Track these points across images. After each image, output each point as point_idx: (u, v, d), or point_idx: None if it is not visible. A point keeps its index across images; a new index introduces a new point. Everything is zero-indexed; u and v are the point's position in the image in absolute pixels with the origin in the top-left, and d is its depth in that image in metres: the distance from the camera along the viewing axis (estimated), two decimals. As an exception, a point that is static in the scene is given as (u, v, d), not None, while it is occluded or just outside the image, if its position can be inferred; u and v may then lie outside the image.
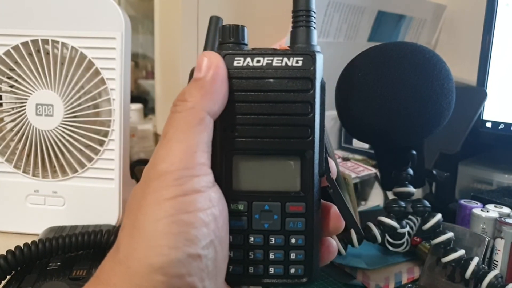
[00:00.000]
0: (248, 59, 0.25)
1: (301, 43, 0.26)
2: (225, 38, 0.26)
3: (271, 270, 0.27)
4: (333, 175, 0.27)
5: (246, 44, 0.26)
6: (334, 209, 0.27)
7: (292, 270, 0.27)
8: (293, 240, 0.26)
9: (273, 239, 0.26)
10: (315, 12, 0.27)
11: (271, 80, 0.25)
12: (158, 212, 0.21)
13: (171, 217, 0.21)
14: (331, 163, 0.27)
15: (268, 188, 0.26)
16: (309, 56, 0.26)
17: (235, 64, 0.25)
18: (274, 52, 0.26)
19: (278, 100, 0.26)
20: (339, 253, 0.38)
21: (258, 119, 0.26)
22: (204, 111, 0.24)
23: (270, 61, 0.25)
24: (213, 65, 0.24)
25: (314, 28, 0.27)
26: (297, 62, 0.26)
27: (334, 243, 0.28)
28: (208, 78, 0.24)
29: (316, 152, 0.26)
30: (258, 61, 0.25)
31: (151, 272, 0.21)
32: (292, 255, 0.26)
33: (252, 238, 0.26)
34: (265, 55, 0.26)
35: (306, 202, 0.26)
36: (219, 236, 0.23)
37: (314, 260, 0.27)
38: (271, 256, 0.26)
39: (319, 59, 0.26)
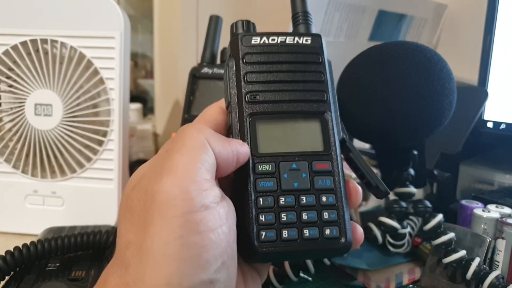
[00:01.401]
0: (264, 38, 0.28)
1: None
2: (238, 30, 0.29)
3: (306, 232, 0.26)
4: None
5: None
6: (352, 183, 0.28)
7: (327, 232, 0.26)
8: (323, 199, 0.26)
9: (304, 198, 0.26)
10: (310, 14, 0.31)
11: (287, 53, 0.28)
12: (166, 234, 0.20)
13: (181, 239, 0.20)
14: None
15: (293, 149, 0.27)
16: (317, 37, 0.29)
17: (252, 42, 0.28)
18: (285, 33, 0.29)
19: (295, 70, 0.28)
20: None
21: (277, 85, 0.28)
22: (207, 139, 0.23)
23: (283, 39, 0.28)
24: (242, 154, 0.25)
25: (311, 24, 0.30)
26: (306, 40, 0.29)
27: (360, 229, 0.28)
28: (238, 147, 0.25)
29: (333, 114, 0.28)
30: (273, 39, 0.28)
31: None
32: (325, 215, 0.26)
33: (283, 199, 0.26)
34: (278, 35, 0.29)
35: (331, 161, 0.27)
36: (231, 255, 0.22)
37: (346, 221, 0.26)
38: (304, 216, 0.26)
39: (324, 41, 0.29)
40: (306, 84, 0.28)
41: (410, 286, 0.39)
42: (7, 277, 0.34)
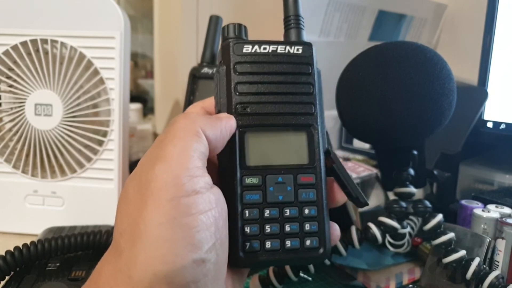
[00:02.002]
0: (256, 47, 0.28)
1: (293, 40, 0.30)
2: (229, 33, 0.29)
3: (288, 243, 0.27)
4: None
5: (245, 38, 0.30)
6: (335, 182, 0.29)
7: (308, 242, 0.27)
8: (306, 211, 0.28)
9: (287, 211, 0.27)
10: (302, 17, 0.31)
11: (277, 63, 0.28)
12: (159, 216, 0.21)
13: (173, 221, 0.21)
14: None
15: (280, 162, 0.28)
16: (307, 46, 0.29)
17: (244, 51, 0.28)
18: (277, 42, 0.29)
19: (284, 81, 0.28)
20: (339, 253, 0.38)
21: (268, 97, 0.28)
22: (200, 128, 0.24)
23: (275, 48, 0.29)
24: (229, 125, 0.26)
25: (303, 29, 0.31)
26: (297, 50, 0.29)
27: (337, 228, 0.29)
28: (221, 117, 0.26)
29: (319, 127, 0.28)
30: (264, 48, 0.28)
31: (154, 282, 0.20)
32: (307, 226, 0.27)
33: (267, 211, 0.27)
34: (270, 43, 0.29)
35: (315, 173, 0.28)
36: (220, 238, 0.23)
37: (326, 232, 0.28)
38: (287, 228, 0.27)
39: (314, 49, 0.29)
40: (296, 96, 0.28)
41: (410, 286, 0.39)
42: (7, 277, 0.34)
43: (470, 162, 0.52)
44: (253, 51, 0.28)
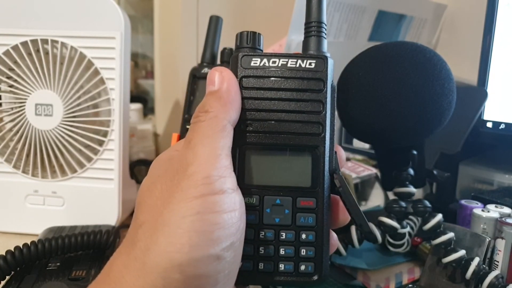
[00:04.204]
0: (265, 60, 0.27)
1: (312, 50, 0.28)
2: (242, 43, 0.28)
3: (281, 267, 0.27)
4: (342, 164, 0.29)
5: (262, 50, 0.28)
6: (341, 205, 0.28)
7: (302, 267, 0.27)
8: (303, 236, 0.27)
9: (283, 234, 0.27)
10: (325, 24, 0.29)
11: (286, 79, 0.27)
12: (184, 210, 0.22)
13: (197, 215, 0.22)
14: (341, 155, 0.29)
15: (280, 183, 0.27)
16: (321, 60, 0.27)
17: (252, 64, 0.27)
18: (288, 55, 0.27)
19: (292, 98, 0.27)
20: (339, 253, 0.38)
21: (273, 115, 0.27)
22: (226, 119, 0.25)
23: (285, 62, 0.27)
24: (225, 78, 0.26)
25: (325, 38, 0.28)
26: (310, 64, 0.27)
27: (335, 235, 0.29)
28: (223, 89, 0.26)
29: (327, 149, 0.27)
30: (274, 62, 0.27)
31: (168, 268, 0.21)
32: (303, 251, 0.27)
33: (263, 233, 0.27)
34: (280, 57, 0.27)
35: (316, 198, 0.27)
36: (239, 239, 0.24)
37: (324, 258, 0.27)
38: (282, 252, 0.27)
39: (330, 63, 0.27)
40: (303, 115, 0.27)
41: (410, 285, 0.39)
42: (7, 277, 0.34)
43: (470, 162, 0.52)
44: (261, 64, 0.27)
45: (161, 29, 0.72)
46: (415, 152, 0.38)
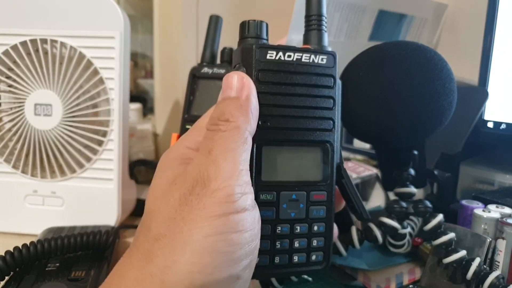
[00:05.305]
0: (280, 53, 0.26)
1: (313, 44, 0.28)
2: (248, 32, 0.27)
3: (295, 258, 0.28)
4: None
5: (267, 40, 0.27)
6: (336, 188, 0.30)
7: (313, 257, 0.28)
8: (315, 228, 0.28)
9: (298, 228, 0.27)
10: (326, 17, 0.29)
11: (301, 74, 0.27)
12: (207, 229, 0.21)
13: (221, 235, 0.21)
14: None
15: (295, 178, 0.27)
16: (332, 56, 0.28)
17: (267, 57, 0.26)
18: (303, 49, 0.27)
19: (305, 93, 0.27)
20: (339, 254, 0.38)
21: (288, 111, 0.27)
22: (247, 130, 0.24)
23: (299, 57, 0.27)
24: (246, 85, 0.25)
25: (325, 31, 0.29)
26: (322, 60, 0.27)
27: (335, 226, 0.30)
28: (244, 97, 0.25)
29: (337, 143, 0.28)
30: (289, 56, 0.26)
31: None
32: (314, 242, 0.28)
33: (279, 228, 0.27)
34: (295, 51, 0.27)
35: (326, 191, 0.28)
36: (255, 257, 0.24)
37: (330, 245, 0.28)
38: (296, 244, 0.27)
39: (337, 59, 0.28)
40: (317, 111, 0.27)
41: (411, 286, 0.39)
42: (6, 277, 0.34)
43: (471, 162, 0.52)
44: (277, 58, 0.26)
45: (160, 28, 0.72)
46: (415, 152, 0.38)
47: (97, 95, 0.47)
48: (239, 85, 0.25)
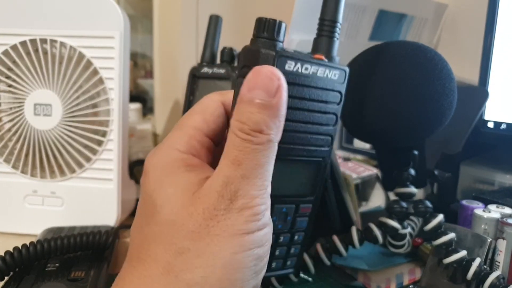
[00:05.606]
0: (298, 65, 0.25)
1: (321, 52, 0.27)
2: (265, 31, 0.24)
3: (273, 265, 0.28)
4: None
5: (282, 42, 0.25)
6: None
7: (288, 263, 0.29)
8: (296, 237, 0.29)
9: (282, 238, 0.28)
10: (340, 24, 0.27)
11: (313, 88, 0.26)
12: (235, 246, 0.21)
13: (249, 252, 0.22)
14: None
15: (288, 192, 0.27)
16: (344, 71, 0.27)
17: (286, 67, 0.24)
18: (320, 62, 0.26)
19: (312, 109, 0.26)
20: (340, 254, 0.38)
21: (294, 125, 0.26)
22: (277, 141, 0.23)
23: (316, 71, 0.25)
24: (281, 87, 0.22)
25: (338, 39, 0.27)
26: (334, 75, 0.26)
27: None
28: (277, 103, 0.22)
29: (329, 159, 0.28)
30: (306, 69, 0.25)
31: None
32: (292, 250, 0.29)
33: None
34: (312, 63, 0.25)
35: (313, 204, 0.28)
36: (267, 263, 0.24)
37: (302, 252, 0.30)
38: (277, 252, 0.28)
39: (348, 74, 0.27)
40: (319, 128, 0.27)
41: (411, 286, 0.39)
42: (6, 278, 0.34)
43: (471, 162, 0.52)
44: (295, 69, 0.24)
45: (160, 28, 0.72)
46: (416, 152, 0.38)
47: (97, 95, 0.47)
48: (273, 87, 0.22)
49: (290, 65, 0.24)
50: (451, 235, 0.36)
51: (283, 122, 0.23)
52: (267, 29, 0.24)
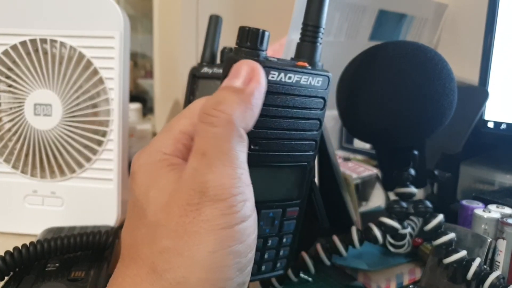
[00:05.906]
0: (282, 75, 0.25)
1: (304, 57, 0.27)
2: (244, 41, 0.24)
3: (263, 267, 0.29)
4: None
5: (264, 51, 0.25)
6: None
7: (278, 264, 0.30)
8: (284, 240, 0.29)
9: (270, 241, 0.28)
10: (323, 29, 0.28)
11: (296, 96, 0.26)
12: (214, 243, 0.21)
13: (228, 249, 0.21)
14: None
15: (274, 197, 0.28)
16: (327, 77, 0.27)
17: (269, 77, 0.24)
18: (303, 70, 0.26)
19: (296, 116, 0.26)
20: (340, 254, 0.38)
21: (279, 133, 0.26)
22: (241, 127, 0.22)
23: (299, 79, 0.26)
24: (256, 77, 0.22)
25: (320, 43, 0.27)
26: (318, 82, 0.26)
27: None
28: (248, 91, 0.22)
29: (313, 162, 0.28)
30: (289, 78, 0.25)
31: None
32: (281, 252, 0.29)
33: None
34: (296, 72, 0.25)
35: (300, 207, 0.29)
36: (254, 259, 0.23)
37: (293, 253, 0.30)
38: (266, 256, 0.29)
39: (331, 80, 0.27)
40: (303, 133, 0.27)
41: (411, 286, 0.39)
42: (6, 278, 0.34)
43: (471, 162, 0.52)
44: (278, 79, 0.25)
45: (160, 28, 0.72)
46: (416, 152, 0.38)
47: (97, 95, 0.47)
48: (248, 77, 0.22)
49: (273, 75, 0.24)
50: (451, 235, 0.36)
51: (257, 113, 0.23)
52: (250, 39, 0.24)
